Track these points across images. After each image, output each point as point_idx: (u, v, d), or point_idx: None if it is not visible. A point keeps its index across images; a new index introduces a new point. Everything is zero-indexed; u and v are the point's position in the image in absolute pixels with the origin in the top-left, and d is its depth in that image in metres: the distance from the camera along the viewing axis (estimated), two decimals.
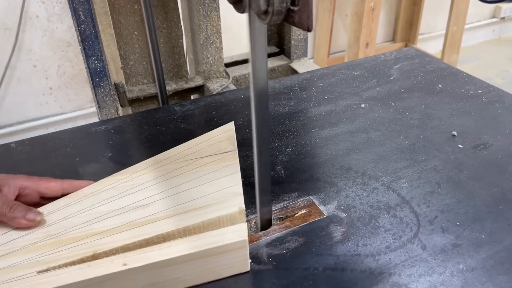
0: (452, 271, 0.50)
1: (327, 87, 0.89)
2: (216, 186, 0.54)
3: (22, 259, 0.47)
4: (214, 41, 1.04)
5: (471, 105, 0.80)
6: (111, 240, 0.48)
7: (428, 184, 0.63)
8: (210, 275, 0.49)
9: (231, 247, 0.48)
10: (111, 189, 0.56)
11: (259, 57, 0.45)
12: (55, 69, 1.90)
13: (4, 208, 0.50)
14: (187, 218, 0.50)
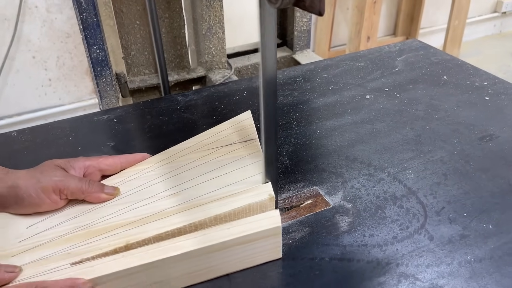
0: (460, 261, 0.50)
1: (331, 78, 0.88)
2: (242, 174, 0.53)
3: (53, 251, 0.46)
4: (217, 31, 1.03)
5: (477, 96, 0.80)
6: (143, 230, 0.47)
7: (434, 175, 0.62)
8: (244, 262, 0.49)
9: (265, 233, 0.48)
10: (136, 179, 0.55)
11: (269, 42, 0.44)
12: (54, 60, 1.88)
13: (82, 184, 0.50)
14: (218, 206, 0.49)
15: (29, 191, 0.49)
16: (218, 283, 0.48)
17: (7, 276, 0.42)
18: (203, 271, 0.47)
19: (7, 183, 0.49)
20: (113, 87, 0.94)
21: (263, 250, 0.49)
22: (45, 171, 0.50)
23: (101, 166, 0.55)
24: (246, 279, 0.49)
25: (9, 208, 0.50)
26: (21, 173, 0.50)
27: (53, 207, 0.50)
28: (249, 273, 0.49)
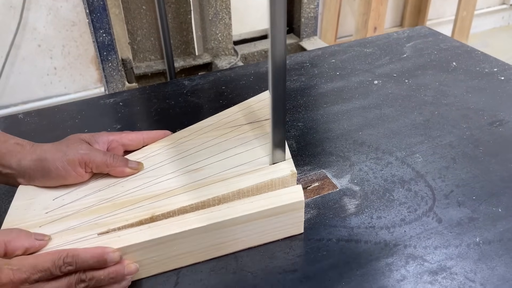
0: (468, 243, 0.50)
1: (339, 64, 0.87)
2: (263, 151, 0.54)
3: (79, 222, 0.47)
4: (223, 17, 1.02)
5: (487, 82, 0.79)
6: (167, 203, 0.48)
7: (443, 159, 0.62)
8: (267, 236, 0.49)
9: (288, 208, 0.48)
10: (158, 155, 0.55)
11: (278, 24, 0.43)
12: (60, 48, 1.88)
13: (107, 158, 0.51)
14: (241, 181, 0.50)
15: (56, 163, 0.49)
16: (225, 262, 0.48)
17: (37, 244, 0.43)
18: (227, 243, 0.48)
19: (33, 156, 0.50)
20: (119, 72, 0.94)
21: (286, 224, 0.49)
22: (71, 145, 0.51)
23: (124, 141, 0.56)
24: (253, 258, 0.49)
25: (36, 181, 0.51)
26: (47, 147, 0.51)
27: (78, 180, 0.51)
28: (256, 253, 0.49)
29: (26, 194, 0.50)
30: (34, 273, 0.39)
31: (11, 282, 0.38)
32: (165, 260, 0.46)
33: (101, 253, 0.42)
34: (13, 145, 0.50)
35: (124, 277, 0.44)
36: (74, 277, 0.41)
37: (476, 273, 0.46)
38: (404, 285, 0.45)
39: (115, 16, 0.98)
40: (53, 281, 0.40)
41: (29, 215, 0.48)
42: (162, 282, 0.46)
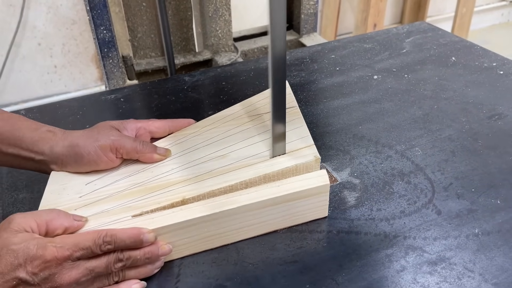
0: (467, 234, 0.50)
1: (339, 59, 0.87)
2: (286, 138, 0.54)
3: (113, 205, 0.48)
4: (223, 14, 1.02)
5: (486, 77, 0.79)
6: (197, 187, 0.49)
7: (442, 152, 0.62)
8: (292, 219, 0.51)
9: (315, 191, 0.50)
10: (184, 143, 0.57)
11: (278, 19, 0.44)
12: (60, 47, 1.88)
13: (137, 145, 0.52)
14: (266, 167, 0.51)
15: (88, 149, 0.51)
16: (226, 254, 0.49)
17: (75, 224, 0.44)
18: (255, 226, 0.50)
19: (65, 142, 0.51)
20: (119, 69, 0.94)
21: (311, 207, 0.51)
22: (102, 131, 0.52)
23: (151, 128, 0.57)
24: (254, 250, 0.49)
25: (68, 166, 0.52)
26: (78, 133, 0.52)
27: (109, 165, 0.52)
28: (257, 245, 0.50)
29: (59, 179, 0.52)
30: (76, 251, 0.40)
31: (55, 258, 0.39)
32: (196, 241, 0.48)
33: (137, 233, 0.43)
34: (45, 132, 0.51)
35: (158, 257, 0.45)
36: (112, 256, 0.42)
37: (475, 263, 0.47)
38: (404, 275, 0.46)
39: (116, 14, 0.98)
40: (93, 259, 0.41)
41: (64, 199, 0.49)
42: (164, 273, 0.47)
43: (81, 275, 0.41)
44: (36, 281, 0.39)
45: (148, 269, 0.45)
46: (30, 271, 0.39)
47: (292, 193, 0.49)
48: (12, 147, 0.50)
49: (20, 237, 0.40)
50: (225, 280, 0.46)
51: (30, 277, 0.39)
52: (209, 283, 0.46)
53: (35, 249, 0.39)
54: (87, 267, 0.41)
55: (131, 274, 0.44)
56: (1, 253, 0.39)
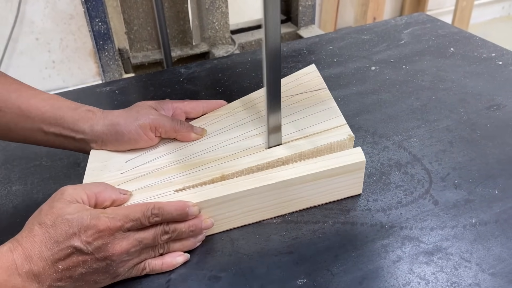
0: (464, 225, 0.49)
1: (336, 51, 0.87)
2: (319, 118, 0.56)
3: (154, 181, 0.49)
4: (220, 6, 1.01)
5: (485, 67, 0.78)
6: (235, 164, 0.51)
7: (440, 142, 0.61)
8: (329, 195, 0.52)
9: (351, 167, 0.51)
10: (218, 123, 0.58)
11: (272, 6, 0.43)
12: (58, 42, 1.87)
13: (175, 124, 0.54)
14: (301, 145, 0.52)
15: (129, 127, 0.52)
16: (221, 245, 0.48)
17: (122, 197, 0.46)
18: (292, 202, 0.51)
19: (105, 121, 0.52)
20: (115, 62, 0.93)
21: (347, 184, 0.52)
22: (141, 111, 0.53)
23: (186, 108, 0.58)
24: (248, 241, 0.49)
25: (109, 145, 0.53)
26: (118, 112, 0.53)
27: (149, 143, 0.53)
28: (252, 236, 0.49)
29: (99, 157, 0.53)
30: (127, 222, 0.41)
31: (108, 228, 0.40)
32: (236, 216, 0.49)
33: (183, 206, 0.44)
34: (84, 111, 0.52)
35: (201, 231, 0.47)
36: (159, 228, 0.43)
37: (472, 253, 0.46)
38: (400, 265, 0.45)
39: (113, 8, 0.98)
40: (142, 231, 0.43)
41: (106, 176, 0.50)
42: None
43: (131, 246, 0.42)
44: (89, 250, 0.40)
45: (191, 242, 0.46)
46: (84, 240, 0.40)
47: (331, 169, 0.50)
48: (53, 126, 0.51)
49: (74, 208, 0.41)
50: (220, 271, 0.46)
51: (84, 246, 0.40)
52: (203, 274, 0.45)
53: (89, 219, 0.40)
54: (136, 238, 0.42)
55: (176, 246, 0.46)
56: (56, 222, 0.40)
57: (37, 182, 0.59)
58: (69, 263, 0.40)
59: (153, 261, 0.45)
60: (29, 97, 0.51)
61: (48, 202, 0.42)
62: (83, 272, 0.40)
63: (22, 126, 0.51)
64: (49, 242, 0.39)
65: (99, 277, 0.42)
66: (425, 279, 0.44)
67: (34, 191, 0.57)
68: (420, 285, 0.43)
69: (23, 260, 0.38)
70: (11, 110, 0.50)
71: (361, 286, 0.43)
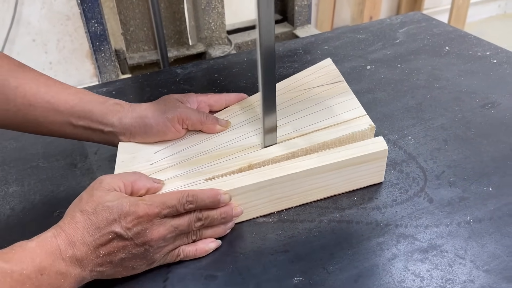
0: (459, 222, 0.50)
1: (332, 50, 0.87)
2: (339, 109, 0.57)
3: (184, 170, 0.51)
4: (216, 6, 1.02)
5: (479, 66, 0.79)
6: (260, 154, 0.52)
7: (435, 141, 0.62)
8: (352, 183, 0.54)
9: (374, 156, 0.52)
10: (241, 115, 0.59)
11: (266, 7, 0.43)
12: (55, 43, 1.87)
13: (201, 116, 0.55)
14: (324, 135, 0.54)
15: (157, 120, 0.53)
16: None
17: (155, 186, 0.48)
18: (317, 190, 0.52)
19: (134, 114, 0.53)
20: (112, 63, 0.93)
21: (369, 172, 0.54)
22: (168, 104, 0.55)
23: (210, 101, 0.59)
24: (245, 240, 0.49)
25: (137, 137, 0.54)
26: (145, 105, 0.55)
27: (176, 135, 0.55)
28: (248, 235, 0.50)
29: (128, 149, 0.54)
30: (164, 209, 0.43)
31: (146, 214, 0.42)
32: (264, 204, 0.51)
33: (215, 193, 0.46)
34: (112, 105, 0.54)
35: (232, 218, 0.48)
36: (193, 215, 0.45)
37: (466, 250, 0.47)
38: (395, 263, 0.46)
39: (109, 9, 0.98)
40: (177, 218, 0.44)
41: (136, 166, 0.52)
42: None
43: (167, 232, 0.43)
44: (129, 236, 0.41)
45: (222, 229, 0.48)
46: (124, 226, 0.41)
47: (354, 157, 0.51)
48: (82, 120, 0.52)
49: (113, 195, 0.42)
50: (216, 271, 0.46)
51: (124, 232, 0.41)
52: (199, 273, 0.46)
53: (128, 206, 0.42)
54: (172, 225, 0.44)
55: (207, 233, 0.47)
56: (97, 209, 0.41)
57: (34, 183, 0.59)
58: (109, 248, 0.41)
59: (187, 247, 0.46)
60: (58, 91, 0.52)
61: (87, 190, 0.43)
62: (122, 257, 0.42)
63: (52, 120, 0.52)
64: (91, 228, 0.41)
65: (136, 263, 0.43)
66: (420, 276, 0.44)
67: (31, 192, 0.57)
68: (415, 282, 0.44)
69: (66, 246, 0.40)
70: (40, 105, 0.51)
71: (356, 284, 0.44)
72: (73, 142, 0.66)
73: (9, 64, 0.51)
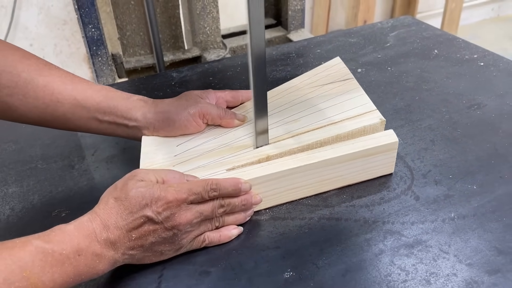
0: (443, 218, 0.52)
1: (324, 54, 0.89)
2: (350, 104, 0.61)
3: (206, 162, 0.54)
4: (211, 11, 1.04)
5: (467, 68, 0.81)
6: (278, 146, 0.55)
7: (422, 141, 0.64)
8: (365, 174, 0.57)
9: (385, 148, 0.55)
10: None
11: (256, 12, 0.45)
12: (52, 47, 1.89)
13: (220, 111, 0.58)
14: (337, 128, 0.57)
15: (180, 115, 0.56)
16: None
17: (190, 178, 0.50)
18: (331, 180, 0.55)
19: (157, 109, 0.56)
20: (109, 67, 0.95)
21: (381, 164, 0.57)
22: (190, 99, 0.58)
23: (227, 97, 0.62)
24: (238, 237, 0.51)
25: (160, 131, 0.57)
26: (168, 101, 0.58)
27: (197, 129, 0.58)
28: (242, 232, 0.51)
29: (151, 142, 0.57)
30: (191, 195, 0.46)
31: (175, 200, 0.45)
32: (281, 193, 0.54)
33: (237, 182, 0.49)
34: (136, 100, 0.57)
35: (251, 205, 0.52)
36: (216, 202, 0.48)
37: (450, 245, 0.48)
38: (382, 258, 0.48)
39: (106, 14, 1.00)
40: (202, 204, 0.47)
41: (160, 158, 0.55)
42: None
43: (194, 217, 0.46)
44: (160, 219, 0.44)
45: (242, 216, 0.51)
46: (155, 210, 0.44)
47: (367, 149, 0.54)
48: (108, 115, 0.55)
49: (145, 183, 0.45)
50: (210, 266, 0.48)
51: (155, 216, 0.44)
52: (194, 269, 0.47)
53: (159, 192, 0.44)
54: (198, 210, 0.46)
55: (229, 220, 0.50)
56: (130, 194, 0.44)
57: (33, 184, 0.60)
58: (141, 232, 0.44)
59: (211, 233, 0.49)
60: (83, 88, 0.55)
61: (122, 180, 0.46)
62: (152, 241, 0.45)
63: (79, 116, 0.55)
64: (124, 213, 0.43)
65: (165, 247, 0.46)
66: (405, 270, 0.46)
67: (30, 193, 0.59)
68: (401, 276, 0.45)
69: (101, 229, 0.43)
70: (68, 101, 0.54)
71: (344, 278, 0.46)
72: (70, 144, 0.68)
73: (37, 63, 0.54)
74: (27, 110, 0.53)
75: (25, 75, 0.52)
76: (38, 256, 0.39)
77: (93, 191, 0.59)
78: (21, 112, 0.53)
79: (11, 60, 0.52)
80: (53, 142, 0.68)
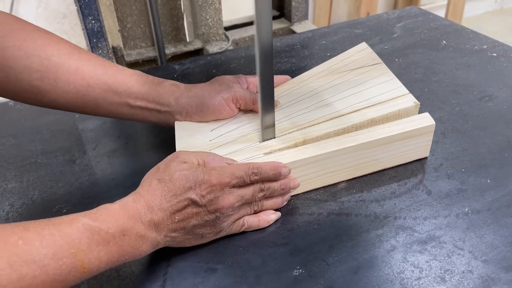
0: (457, 213, 0.50)
1: (329, 45, 0.87)
2: (382, 88, 0.60)
3: (242, 146, 0.53)
4: (213, 2, 1.01)
5: (476, 59, 0.79)
6: (313, 130, 0.55)
7: (433, 134, 0.62)
8: (401, 158, 0.56)
9: (422, 130, 0.55)
10: (287, 96, 0.61)
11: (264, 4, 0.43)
12: None
13: (253, 96, 0.57)
14: (372, 112, 0.56)
15: (214, 99, 0.55)
16: (217, 239, 0.49)
17: (229, 161, 0.50)
18: (368, 164, 0.55)
19: (190, 94, 0.56)
20: (109, 59, 0.93)
21: (417, 147, 0.56)
22: (223, 84, 0.57)
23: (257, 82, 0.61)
24: (244, 234, 0.49)
25: (193, 116, 0.56)
26: (201, 86, 0.57)
27: (230, 114, 0.57)
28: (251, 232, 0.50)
29: (185, 127, 0.56)
30: (233, 179, 0.45)
31: (219, 183, 0.44)
32: (318, 177, 0.53)
33: (277, 166, 0.48)
34: (169, 86, 0.56)
35: (290, 190, 0.51)
36: (257, 186, 0.48)
37: (464, 241, 0.47)
38: (394, 255, 0.46)
39: (106, 6, 0.97)
40: (243, 188, 0.47)
41: (196, 143, 0.54)
42: (155, 257, 0.47)
43: (235, 201, 0.46)
44: (203, 202, 0.44)
45: (280, 200, 0.51)
46: (199, 193, 0.44)
47: (404, 132, 0.53)
48: (139, 100, 0.54)
49: (188, 165, 0.45)
50: (216, 263, 0.46)
51: (199, 198, 0.44)
52: (199, 266, 0.46)
53: (203, 175, 0.44)
54: (239, 194, 0.46)
55: (268, 204, 0.50)
56: (174, 177, 0.43)
57: (33, 179, 0.59)
58: (184, 214, 0.43)
59: (250, 218, 0.49)
60: (114, 73, 0.53)
61: (164, 162, 0.46)
62: (195, 224, 0.44)
63: (110, 101, 0.53)
64: (168, 195, 0.43)
65: (206, 230, 0.46)
66: (419, 267, 0.44)
67: (30, 189, 0.57)
68: (414, 273, 0.44)
69: (146, 210, 0.42)
70: (99, 86, 0.52)
71: (356, 275, 0.44)
72: (71, 138, 0.66)
73: (67, 46, 0.52)
74: (57, 95, 0.51)
75: (55, 59, 0.50)
76: (85, 233, 0.38)
77: (94, 186, 0.57)
78: (52, 97, 0.51)
79: (41, 44, 0.50)
80: (53, 137, 0.67)
